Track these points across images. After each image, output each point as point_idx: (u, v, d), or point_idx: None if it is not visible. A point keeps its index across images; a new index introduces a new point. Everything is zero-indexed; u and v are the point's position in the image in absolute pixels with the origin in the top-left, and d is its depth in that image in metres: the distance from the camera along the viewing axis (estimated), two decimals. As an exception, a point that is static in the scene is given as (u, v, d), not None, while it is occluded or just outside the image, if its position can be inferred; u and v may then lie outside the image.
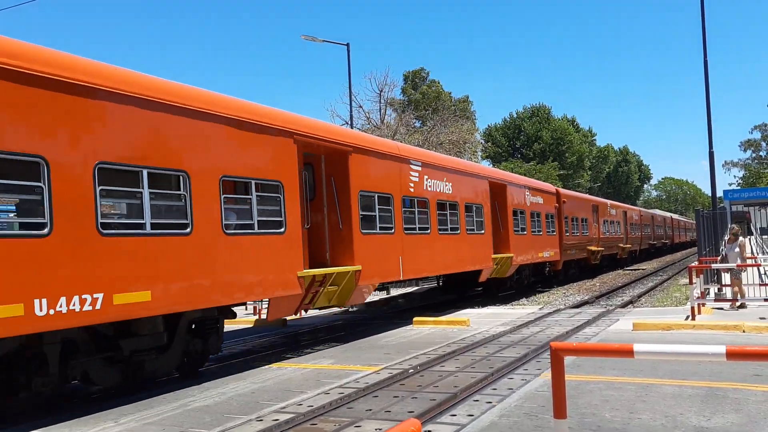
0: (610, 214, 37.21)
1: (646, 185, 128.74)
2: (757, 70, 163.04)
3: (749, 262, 17.40)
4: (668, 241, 62.87)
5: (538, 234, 24.55)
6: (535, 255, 24.01)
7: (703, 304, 14.79)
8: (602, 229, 34.79)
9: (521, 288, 23.95)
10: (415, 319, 15.69)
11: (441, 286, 22.54)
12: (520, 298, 22.18)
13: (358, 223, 13.32)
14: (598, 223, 33.96)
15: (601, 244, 33.86)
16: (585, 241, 31.28)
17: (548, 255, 25.36)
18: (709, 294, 16.35)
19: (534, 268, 25.23)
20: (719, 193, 31.35)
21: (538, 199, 25.05)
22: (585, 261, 31.73)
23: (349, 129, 17.27)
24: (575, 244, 29.53)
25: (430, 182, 16.61)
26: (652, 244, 51.87)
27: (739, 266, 15.39)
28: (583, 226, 31.20)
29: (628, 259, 42.28)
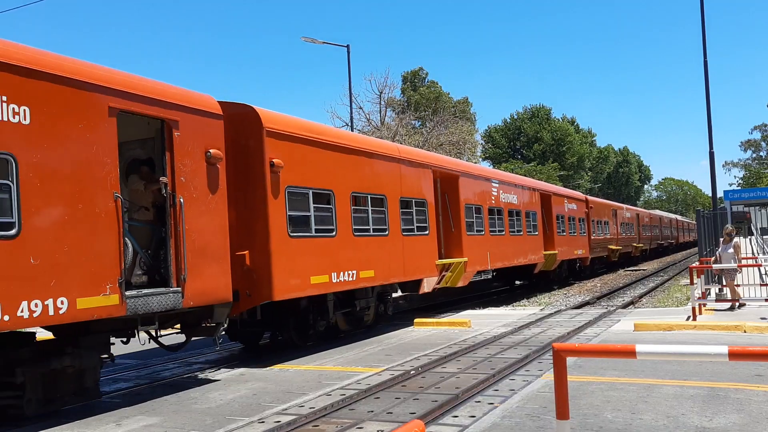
0: (625, 217, 41.62)
1: (646, 186, 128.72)
2: (757, 70, 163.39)
3: (745, 262, 17.41)
4: (674, 241, 67.44)
5: (573, 235, 29.04)
6: (572, 252, 28.47)
7: (704, 305, 14.80)
8: (620, 231, 39.06)
9: (560, 279, 28.15)
10: (416, 321, 15.71)
11: (493, 278, 26.35)
12: (564, 287, 27.04)
13: (464, 227, 18.02)
14: (617, 225, 38.27)
15: (619, 243, 38.22)
16: (607, 241, 35.64)
17: (581, 252, 29.84)
18: (710, 294, 16.35)
19: (568, 263, 29.32)
20: (719, 194, 31.29)
21: (573, 206, 29.66)
22: (606, 258, 35.83)
23: (456, 160, 23.62)
24: (600, 243, 33.88)
25: (503, 195, 21.33)
26: (660, 243, 56.73)
27: (740, 266, 15.41)
28: (605, 227, 35.55)
29: (640, 257, 46.51)
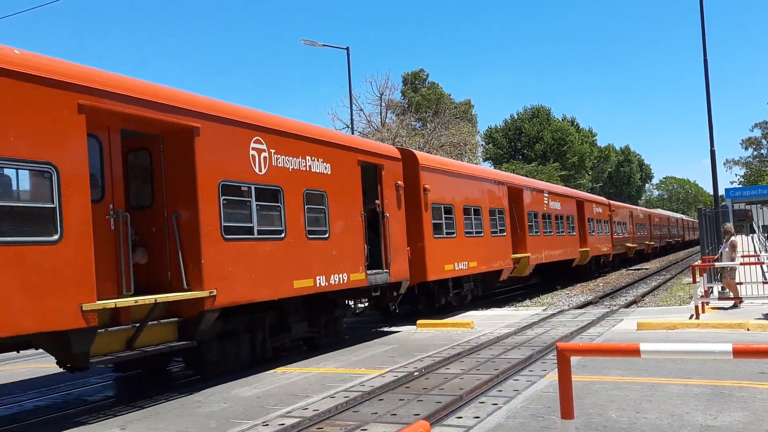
0: (639, 218, 46.50)
1: (647, 185, 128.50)
2: (758, 68, 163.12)
3: (741, 260, 17.36)
4: (680, 239, 72.50)
5: (600, 234, 33.82)
6: (599, 249, 33.24)
7: (707, 303, 14.78)
8: (635, 230, 43.71)
9: (590, 273, 32.53)
10: (419, 322, 15.71)
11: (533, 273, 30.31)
12: (595, 278, 31.91)
13: (527, 228, 22.91)
14: (632, 225, 42.89)
15: (635, 242, 43.07)
16: (625, 239, 40.34)
17: (605, 250, 34.65)
18: (712, 292, 16.33)
19: (594, 259, 33.61)
20: (721, 192, 31.24)
21: (599, 209, 34.52)
22: (624, 254, 40.37)
23: (520, 177, 29.08)
24: (619, 241, 38.45)
25: (551, 203, 26.50)
26: (668, 241, 62.51)
27: (742, 264, 15.38)
28: (624, 228, 40.32)
29: (651, 254, 51.13)
